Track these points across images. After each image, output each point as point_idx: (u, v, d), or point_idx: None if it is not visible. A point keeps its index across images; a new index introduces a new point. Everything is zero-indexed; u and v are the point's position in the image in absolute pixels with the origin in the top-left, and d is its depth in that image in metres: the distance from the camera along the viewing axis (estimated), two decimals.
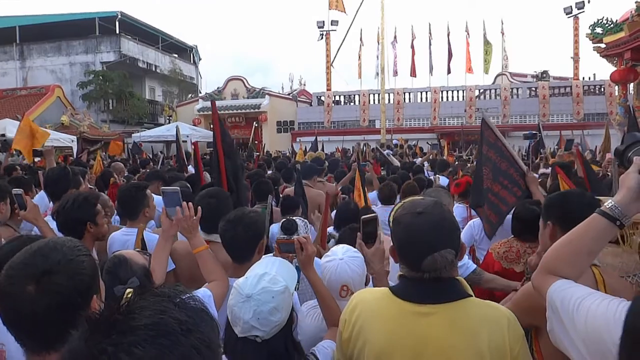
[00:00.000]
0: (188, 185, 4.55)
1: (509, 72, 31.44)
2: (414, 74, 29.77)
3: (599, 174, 7.40)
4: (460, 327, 1.41)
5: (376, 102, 27.44)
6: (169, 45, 34.39)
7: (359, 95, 28.63)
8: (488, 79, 30.75)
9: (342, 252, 2.04)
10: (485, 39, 29.16)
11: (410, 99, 28.01)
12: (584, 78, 27.71)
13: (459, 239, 1.53)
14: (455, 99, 27.43)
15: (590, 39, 17.32)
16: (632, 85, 17.45)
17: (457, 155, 13.97)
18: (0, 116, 17.34)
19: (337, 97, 29.30)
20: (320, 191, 5.34)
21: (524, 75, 34.20)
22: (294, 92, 34.05)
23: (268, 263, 1.72)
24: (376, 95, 27.62)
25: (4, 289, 1.14)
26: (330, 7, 28.68)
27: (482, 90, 27.66)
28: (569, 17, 26.51)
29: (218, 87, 30.32)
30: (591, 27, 17.06)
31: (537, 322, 1.71)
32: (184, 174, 7.32)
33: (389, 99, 27.33)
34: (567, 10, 26.43)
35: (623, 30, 15.27)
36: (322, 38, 29.45)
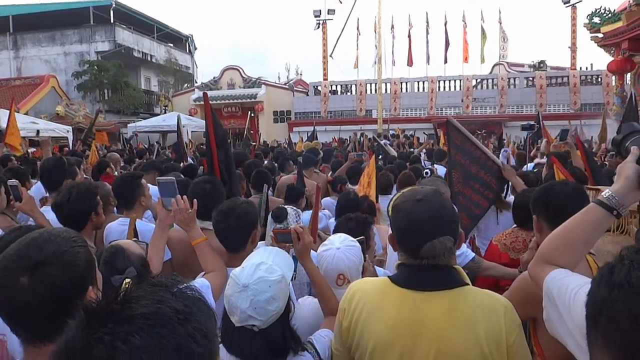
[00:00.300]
0: (181, 175, 4.54)
1: (506, 62, 31.35)
2: (410, 64, 29.66)
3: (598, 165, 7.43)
4: (457, 315, 1.43)
5: (373, 91, 27.34)
6: (165, 35, 34.10)
7: (355, 85, 28.52)
8: (485, 68, 30.71)
9: (339, 241, 2.05)
10: (482, 29, 29.04)
11: (407, 88, 27.92)
12: (581, 68, 27.65)
13: (457, 227, 1.55)
14: (452, 88, 27.35)
15: (587, 29, 17.29)
16: (629, 75, 17.45)
17: None
18: None
19: (333, 87, 29.17)
20: (314, 182, 5.37)
21: (522, 65, 34.08)
22: (291, 82, 33.90)
23: (265, 252, 1.73)
24: (373, 85, 27.51)
25: None
26: None
27: (479, 80, 27.59)
28: (566, 7, 26.39)
29: (214, 77, 30.12)
30: (589, 17, 17.03)
31: (534, 313, 1.72)
32: (184, 162, 7.31)
33: (386, 89, 27.23)
34: (565, 0, 26.33)
35: (621, 20, 15.26)
36: (318, 27, 29.26)
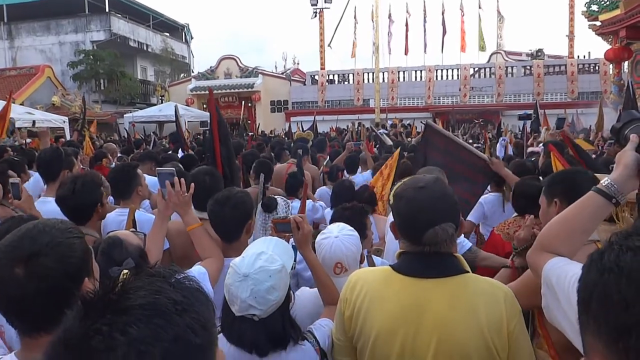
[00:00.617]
0: (180, 165, 4.52)
1: (503, 51, 31.25)
2: (407, 52, 29.55)
3: (597, 153, 7.44)
4: (459, 301, 1.45)
5: (370, 81, 27.22)
6: (160, 24, 33.83)
7: (353, 74, 28.41)
8: (483, 57, 30.60)
9: (337, 230, 2.05)
10: (479, 17, 28.91)
11: (404, 77, 27.83)
12: (578, 56, 27.59)
13: (459, 214, 1.57)
14: (450, 77, 27.27)
15: (585, 17, 17.22)
16: (626, 63, 17.42)
17: None
18: None
19: (331, 76, 29.05)
20: (307, 171, 5.42)
21: (519, 53, 33.99)
22: (288, 71, 33.71)
23: (265, 242, 1.72)
24: (370, 74, 27.39)
25: None
26: None
27: (476, 69, 27.50)
28: None
29: (211, 67, 29.94)
30: (587, 5, 16.95)
31: (538, 303, 1.72)
32: (183, 152, 7.29)
33: (384, 78, 27.13)
34: None
35: (619, 8, 15.19)
36: (315, 16, 29.04)
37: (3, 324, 1.59)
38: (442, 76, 27.43)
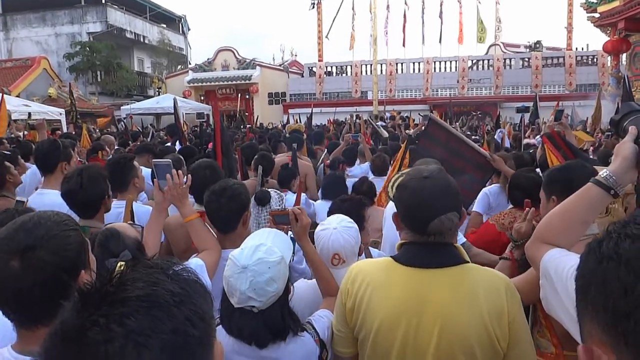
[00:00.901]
0: (181, 157, 4.51)
1: (502, 43, 31.16)
2: (405, 44, 29.46)
3: (595, 145, 7.45)
4: (461, 291, 1.45)
5: (368, 72, 27.13)
6: (157, 15, 33.62)
7: (351, 66, 28.31)
8: (481, 49, 30.52)
9: (336, 222, 2.05)
10: (477, 9, 28.80)
11: (402, 69, 27.76)
12: (577, 49, 27.56)
13: (461, 204, 1.57)
14: (448, 69, 27.23)
15: (584, 9, 17.21)
16: (624, 55, 17.41)
17: None
18: None
19: (329, 68, 28.96)
20: (305, 163, 5.44)
21: (517, 45, 33.91)
22: (285, 63, 33.54)
23: (264, 234, 1.72)
24: (368, 66, 27.29)
25: None
26: None
27: (474, 61, 27.45)
28: None
29: (208, 58, 29.79)
30: None
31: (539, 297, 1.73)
32: (180, 145, 7.26)
33: (381, 70, 27.06)
34: None
35: (617, 0, 15.16)
36: (313, 7, 28.90)
37: None
38: (440, 68, 27.37)
